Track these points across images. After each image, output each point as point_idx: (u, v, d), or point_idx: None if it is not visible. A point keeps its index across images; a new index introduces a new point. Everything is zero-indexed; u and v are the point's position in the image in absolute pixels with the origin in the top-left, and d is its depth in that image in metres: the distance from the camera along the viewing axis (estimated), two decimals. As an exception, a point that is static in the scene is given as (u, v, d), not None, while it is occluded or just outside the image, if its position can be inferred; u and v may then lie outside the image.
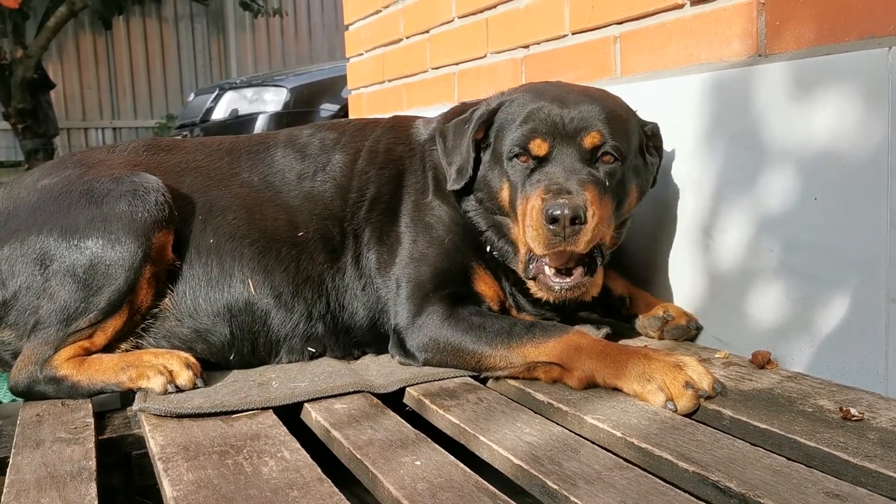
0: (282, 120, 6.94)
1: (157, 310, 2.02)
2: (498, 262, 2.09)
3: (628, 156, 1.95)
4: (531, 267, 1.95)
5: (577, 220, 1.77)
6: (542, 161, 1.91)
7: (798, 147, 1.83)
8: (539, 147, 1.90)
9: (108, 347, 1.96)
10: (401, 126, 2.33)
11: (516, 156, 1.94)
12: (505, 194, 1.98)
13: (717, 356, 2.00)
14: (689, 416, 1.62)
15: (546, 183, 1.85)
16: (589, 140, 1.90)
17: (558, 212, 1.76)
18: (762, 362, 1.89)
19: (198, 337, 2.03)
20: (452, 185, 2.06)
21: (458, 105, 2.34)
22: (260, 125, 6.96)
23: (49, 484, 1.41)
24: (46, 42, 11.04)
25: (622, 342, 2.07)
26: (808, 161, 1.81)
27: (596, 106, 1.94)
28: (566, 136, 1.90)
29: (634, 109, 2.08)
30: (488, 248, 2.07)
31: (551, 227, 1.77)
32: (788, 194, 1.86)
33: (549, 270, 1.92)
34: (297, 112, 6.98)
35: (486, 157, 2.06)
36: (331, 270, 2.10)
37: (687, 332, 2.13)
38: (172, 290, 2.03)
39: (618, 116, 1.97)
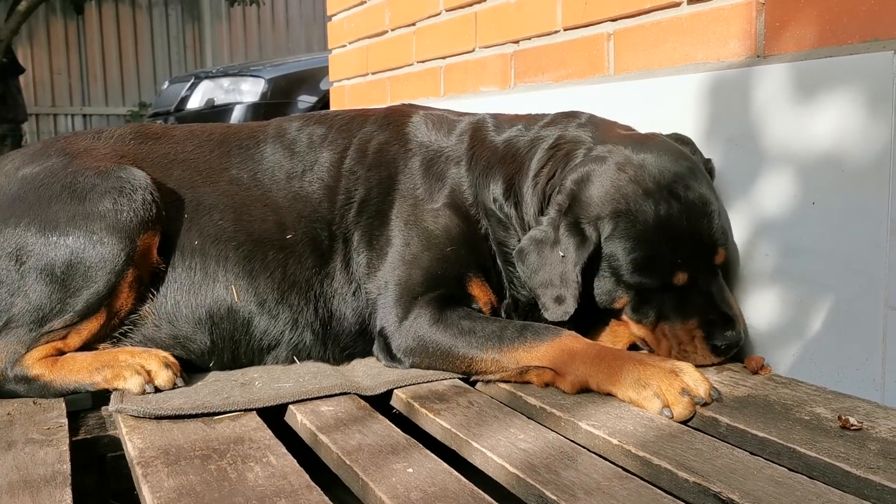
0: (259, 111, 6.83)
1: (136, 315, 1.93)
2: (502, 286, 2.04)
3: None
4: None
5: (741, 342, 1.86)
6: (680, 288, 1.84)
7: (797, 150, 1.81)
8: (683, 280, 1.83)
9: (84, 349, 1.88)
10: (395, 123, 2.22)
11: (650, 287, 1.84)
12: (617, 305, 1.90)
13: (709, 361, 1.97)
14: (684, 423, 1.59)
15: (699, 315, 1.83)
16: (719, 258, 1.87)
17: (725, 345, 1.83)
18: (756, 368, 1.87)
19: (176, 344, 1.94)
20: (553, 315, 1.86)
21: (482, 131, 2.15)
22: (236, 116, 6.85)
23: (21, 488, 1.34)
24: (17, 26, 10.80)
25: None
26: (806, 165, 1.79)
27: (713, 209, 1.85)
28: (703, 258, 1.84)
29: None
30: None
31: (717, 356, 1.84)
32: (786, 198, 1.84)
33: None
34: (275, 103, 6.87)
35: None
36: (319, 275, 2.02)
37: (679, 337, 2.10)
38: (154, 295, 1.94)
39: (720, 204, 1.92)
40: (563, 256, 1.84)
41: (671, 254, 1.81)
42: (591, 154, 1.93)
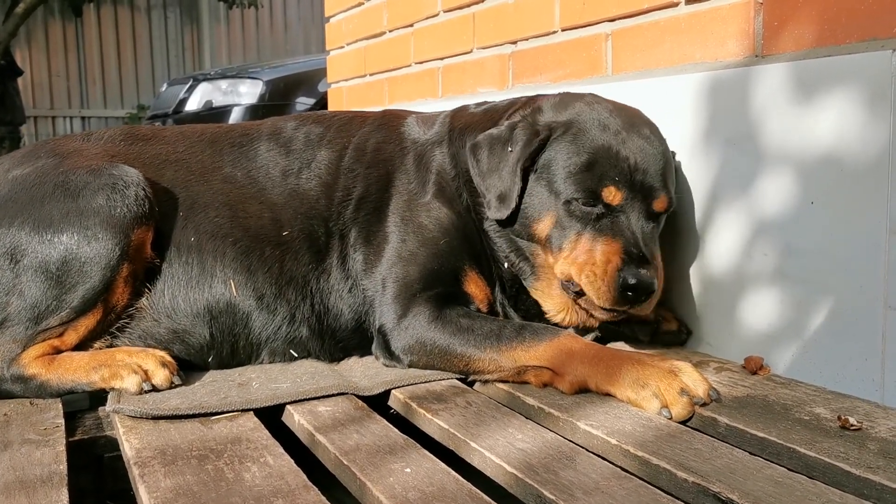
0: (257, 113, 6.82)
1: (133, 309, 1.93)
2: (492, 270, 2.04)
3: None
4: (571, 289, 1.90)
5: (651, 293, 1.77)
6: (611, 210, 1.84)
7: (796, 150, 1.80)
8: (613, 196, 1.83)
9: (80, 347, 1.87)
10: (391, 124, 2.25)
11: (578, 198, 1.86)
12: (544, 225, 1.91)
13: (708, 361, 1.96)
14: (683, 423, 1.58)
15: (623, 241, 1.80)
16: (659, 204, 1.87)
17: (634, 282, 1.75)
18: (755, 368, 1.86)
19: (175, 338, 1.94)
20: (495, 213, 1.95)
21: (463, 109, 2.25)
22: (235, 117, 6.84)
23: (18, 489, 1.34)
24: (15, 28, 10.79)
25: (611, 346, 2.03)
26: (805, 164, 1.79)
27: (660, 155, 1.90)
28: (638, 191, 1.85)
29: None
30: (506, 265, 2.02)
31: (627, 294, 1.76)
32: (785, 198, 1.83)
33: (598, 313, 1.88)
34: (273, 105, 6.87)
35: (527, 182, 1.95)
36: (316, 271, 2.03)
37: (678, 337, 2.09)
38: (150, 289, 1.94)
39: (671, 162, 1.95)
40: (510, 151, 1.92)
41: (608, 168, 1.84)
42: (565, 92, 2.09)
